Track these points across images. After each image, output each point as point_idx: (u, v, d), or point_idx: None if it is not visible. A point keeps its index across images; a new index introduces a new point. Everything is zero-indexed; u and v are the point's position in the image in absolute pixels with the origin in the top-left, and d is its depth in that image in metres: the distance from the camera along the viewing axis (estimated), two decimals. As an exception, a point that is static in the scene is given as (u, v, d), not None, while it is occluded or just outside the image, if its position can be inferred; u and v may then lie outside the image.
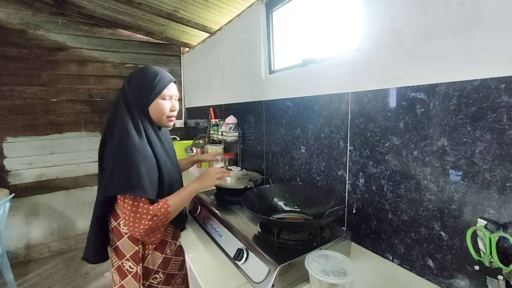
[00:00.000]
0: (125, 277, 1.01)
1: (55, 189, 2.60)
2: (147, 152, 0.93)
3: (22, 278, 2.22)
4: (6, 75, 2.30)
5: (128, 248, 0.99)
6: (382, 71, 0.93)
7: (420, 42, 0.81)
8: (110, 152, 0.91)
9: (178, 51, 3.09)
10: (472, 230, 0.69)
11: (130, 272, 1.00)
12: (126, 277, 1.00)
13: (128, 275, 1.00)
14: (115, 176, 0.87)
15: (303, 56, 1.33)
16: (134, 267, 0.99)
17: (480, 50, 0.68)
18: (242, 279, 0.85)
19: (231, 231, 1.00)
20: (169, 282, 1.08)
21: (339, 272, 0.72)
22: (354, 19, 1.10)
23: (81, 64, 2.59)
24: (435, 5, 0.77)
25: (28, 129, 2.43)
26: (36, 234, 2.55)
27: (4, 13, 2.27)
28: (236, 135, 1.90)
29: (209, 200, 1.30)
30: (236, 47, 1.94)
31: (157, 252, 1.03)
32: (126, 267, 1.00)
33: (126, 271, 1.01)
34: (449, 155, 0.75)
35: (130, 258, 0.99)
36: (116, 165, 0.87)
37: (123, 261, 1.00)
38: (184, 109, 3.23)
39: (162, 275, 1.05)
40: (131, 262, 0.99)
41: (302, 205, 1.10)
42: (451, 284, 0.77)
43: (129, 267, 1.00)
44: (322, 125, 1.20)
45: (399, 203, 0.89)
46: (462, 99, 0.72)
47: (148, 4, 2.04)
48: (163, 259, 1.04)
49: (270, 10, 1.59)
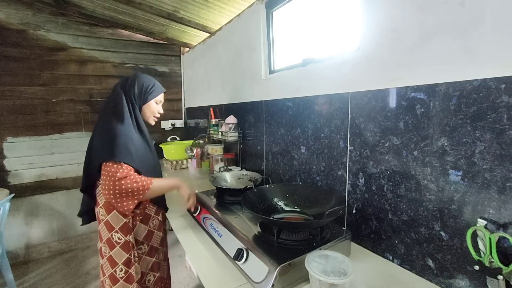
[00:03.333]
0: (114, 248, 1.12)
1: (55, 189, 2.60)
2: (134, 134, 1.11)
3: (22, 278, 2.22)
4: (7, 75, 2.30)
5: (117, 221, 1.11)
6: (382, 71, 0.93)
7: (420, 42, 0.81)
8: (105, 126, 1.07)
9: (178, 51, 3.09)
10: (472, 230, 0.69)
11: (118, 243, 1.12)
12: (115, 248, 1.12)
13: (117, 246, 1.12)
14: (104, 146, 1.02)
15: (303, 56, 1.33)
16: (123, 238, 1.11)
17: (480, 50, 0.68)
18: (242, 279, 0.85)
19: (231, 231, 1.00)
20: (152, 254, 1.22)
21: (339, 272, 0.72)
22: (354, 19, 1.10)
23: (81, 64, 2.59)
24: (435, 5, 0.77)
25: (28, 129, 2.43)
26: (36, 234, 2.54)
27: (4, 13, 2.27)
28: (236, 135, 1.90)
29: (209, 200, 1.30)
30: (236, 47, 1.94)
31: (142, 224, 1.17)
32: (115, 239, 1.12)
33: (115, 243, 1.12)
34: (449, 155, 0.75)
35: (119, 230, 1.11)
36: (107, 137, 1.03)
37: (112, 233, 1.12)
38: (184, 109, 3.23)
39: (146, 247, 1.19)
40: (119, 234, 1.11)
41: (302, 205, 1.10)
42: (451, 284, 0.77)
43: (118, 238, 1.12)
44: (322, 125, 1.20)
45: (399, 203, 0.89)
46: (462, 99, 0.72)
47: (148, 4, 2.04)
48: (147, 232, 1.18)
49: (270, 10, 1.59)
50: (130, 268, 1.13)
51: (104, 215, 1.13)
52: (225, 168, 1.84)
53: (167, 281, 1.34)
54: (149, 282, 1.22)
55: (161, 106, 1.27)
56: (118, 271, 1.13)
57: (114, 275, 1.14)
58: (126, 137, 1.04)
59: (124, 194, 0.98)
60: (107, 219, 1.12)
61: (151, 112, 1.23)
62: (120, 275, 1.13)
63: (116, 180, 0.96)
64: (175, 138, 3.05)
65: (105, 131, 1.05)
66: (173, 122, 3.12)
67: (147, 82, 1.19)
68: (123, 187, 0.96)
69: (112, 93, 1.17)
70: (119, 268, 1.13)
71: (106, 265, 1.16)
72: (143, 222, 1.17)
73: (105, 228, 1.14)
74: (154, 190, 1.05)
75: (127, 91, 1.14)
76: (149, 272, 1.21)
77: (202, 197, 1.33)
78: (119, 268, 1.13)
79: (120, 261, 1.12)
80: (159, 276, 1.26)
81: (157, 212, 1.24)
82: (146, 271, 1.20)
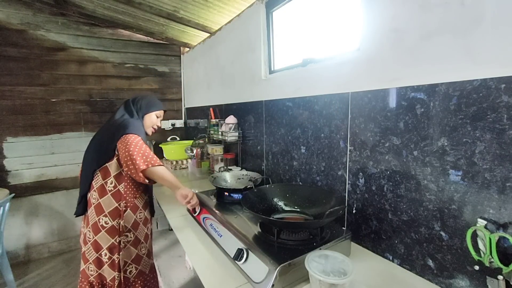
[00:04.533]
0: (99, 232, 1.18)
1: (55, 189, 2.60)
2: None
3: (22, 278, 2.22)
4: (6, 75, 2.30)
5: (108, 204, 1.19)
6: (382, 71, 0.93)
7: (420, 42, 0.81)
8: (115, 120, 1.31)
9: (178, 51, 3.09)
10: (472, 230, 0.69)
11: (104, 228, 1.18)
12: (100, 232, 1.18)
13: (102, 230, 1.18)
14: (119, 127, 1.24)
15: (303, 56, 1.33)
16: (110, 222, 1.18)
17: (480, 50, 0.68)
18: (242, 279, 0.85)
19: (231, 231, 1.00)
20: (136, 246, 1.27)
21: (339, 272, 0.72)
22: (354, 19, 1.10)
23: (81, 64, 2.59)
24: (435, 5, 0.77)
25: (28, 129, 2.43)
26: (36, 234, 2.54)
27: (4, 13, 2.27)
28: (236, 135, 1.90)
29: (209, 200, 1.30)
30: (236, 47, 1.94)
31: (131, 212, 1.25)
32: (102, 222, 1.18)
33: (100, 227, 1.18)
34: (449, 155, 0.75)
35: (108, 214, 1.19)
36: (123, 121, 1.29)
37: (100, 217, 1.18)
38: (184, 109, 3.22)
39: (132, 236, 1.25)
40: (107, 218, 1.18)
41: (302, 205, 1.10)
42: (451, 284, 0.77)
43: (104, 222, 1.18)
44: (322, 125, 1.20)
45: (399, 203, 0.89)
46: (462, 99, 0.72)
47: (148, 4, 2.04)
48: (134, 221, 1.26)
49: (270, 10, 1.59)
50: (113, 255, 1.19)
51: (96, 198, 1.20)
52: (225, 168, 1.84)
53: (147, 278, 1.36)
54: (131, 273, 1.27)
55: (160, 122, 1.50)
56: (103, 255, 1.19)
57: (100, 259, 1.20)
58: (136, 128, 1.27)
59: (141, 153, 1.15)
60: (99, 202, 1.20)
61: (150, 122, 1.44)
62: (105, 259, 1.19)
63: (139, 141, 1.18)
64: (175, 138, 3.05)
65: (119, 121, 1.29)
66: (173, 122, 3.11)
67: (152, 99, 1.47)
68: (144, 147, 1.17)
69: (124, 105, 1.41)
70: (104, 253, 1.19)
71: (89, 251, 1.20)
72: (132, 211, 1.25)
73: (94, 212, 1.20)
74: (160, 170, 1.17)
75: (136, 103, 1.41)
76: (131, 263, 1.26)
77: (202, 197, 1.33)
78: (104, 252, 1.19)
79: (105, 245, 1.18)
80: (140, 269, 1.30)
81: (144, 207, 1.33)
82: (129, 262, 1.25)
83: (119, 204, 1.21)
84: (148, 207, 1.38)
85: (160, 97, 3.02)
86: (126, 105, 1.40)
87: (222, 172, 1.60)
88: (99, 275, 1.22)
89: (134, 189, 1.27)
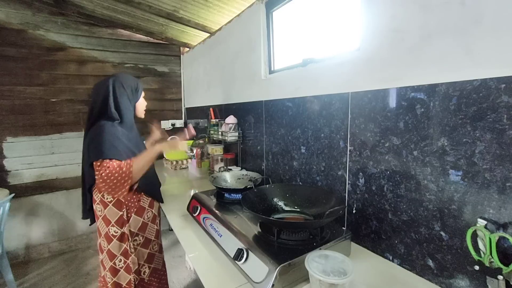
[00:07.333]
0: (111, 242, 1.20)
1: (55, 189, 2.60)
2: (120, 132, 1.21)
3: (22, 278, 2.21)
4: (6, 75, 2.29)
5: (113, 214, 1.20)
6: (382, 71, 0.93)
7: (420, 42, 0.81)
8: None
9: (178, 51, 3.08)
10: (472, 230, 0.69)
11: (115, 237, 1.20)
12: (112, 241, 1.20)
13: (114, 239, 1.20)
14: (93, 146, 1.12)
15: (303, 56, 1.32)
16: (118, 231, 1.20)
17: (480, 50, 0.68)
18: (242, 279, 0.85)
19: (231, 231, 1.00)
20: (147, 246, 1.30)
21: (339, 272, 0.72)
22: (354, 19, 1.10)
23: (80, 64, 2.59)
24: (435, 5, 0.77)
25: (28, 129, 2.42)
26: (36, 234, 2.54)
27: (4, 13, 2.26)
28: (236, 135, 1.90)
29: (209, 200, 1.30)
30: (236, 47, 1.94)
31: (137, 216, 1.25)
32: (112, 232, 1.20)
33: (111, 236, 1.20)
34: (449, 155, 0.75)
35: (115, 223, 1.20)
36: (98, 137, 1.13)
37: (109, 227, 1.20)
38: (184, 109, 3.22)
39: (141, 238, 1.27)
40: (116, 227, 1.20)
41: (302, 205, 1.10)
42: (451, 284, 0.77)
43: (114, 232, 1.20)
44: (322, 125, 1.20)
45: (399, 203, 0.89)
46: (462, 99, 0.72)
47: (147, 4, 2.04)
48: (142, 223, 1.27)
49: (270, 10, 1.59)
50: (128, 259, 1.22)
51: (101, 210, 1.21)
52: (225, 168, 1.84)
53: (161, 272, 1.41)
54: (145, 274, 1.29)
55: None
56: (118, 262, 1.21)
57: (114, 267, 1.22)
58: (110, 134, 1.14)
59: (114, 180, 1.08)
60: (104, 213, 1.21)
61: (142, 107, 1.38)
62: (119, 266, 1.21)
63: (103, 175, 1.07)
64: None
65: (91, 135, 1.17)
66: (173, 122, 3.11)
67: (131, 83, 1.29)
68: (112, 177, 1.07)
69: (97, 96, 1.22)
70: (118, 259, 1.21)
71: (105, 259, 1.22)
72: (138, 214, 1.26)
73: (103, 223, 1.21)
74: (138, 166, 1.13)
75: (118, 95, 1.22)
76: (144, 263, 1.29)
77: (202, 197, 1.33)
78: (118, 259, 1.21)
79: (118, 252, 1.21)
80: (154, 267, 1.34)
81: (151, 205, 1.33)
82: (142, 263, 1.28)
83: (123, 212, 1.21)
84: (155, 204, 1.37)
85: (160, 97, 3.02)
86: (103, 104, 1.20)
87: (222, 172, 1.60)
88: (115, 283, 1.23)
89: (135, 193, 1.26)
